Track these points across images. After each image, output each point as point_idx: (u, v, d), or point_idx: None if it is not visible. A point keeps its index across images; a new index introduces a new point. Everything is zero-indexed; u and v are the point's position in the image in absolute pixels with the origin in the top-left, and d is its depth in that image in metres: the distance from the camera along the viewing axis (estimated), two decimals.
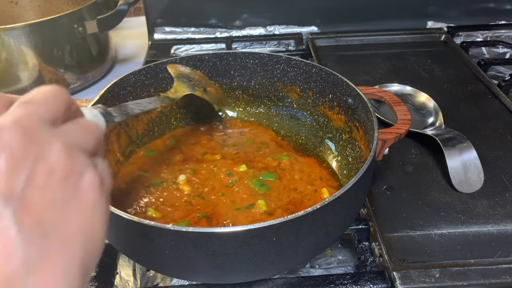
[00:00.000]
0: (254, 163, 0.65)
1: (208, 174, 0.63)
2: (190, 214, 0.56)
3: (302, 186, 0.60)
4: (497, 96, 0.82)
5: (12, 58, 0.84)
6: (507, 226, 0.57)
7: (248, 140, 0.70)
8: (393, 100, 0.60)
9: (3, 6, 1.05)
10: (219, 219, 0.56)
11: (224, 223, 0.55)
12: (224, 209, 0.57)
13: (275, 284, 0.50)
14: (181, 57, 0.70)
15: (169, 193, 0.60)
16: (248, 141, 0.70)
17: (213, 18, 1.09)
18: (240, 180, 0.61)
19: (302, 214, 0.41)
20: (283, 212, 0.56)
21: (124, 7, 0.91)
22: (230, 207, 0.57)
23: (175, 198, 0.59)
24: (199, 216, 0.56)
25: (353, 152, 0.64)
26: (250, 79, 0.74)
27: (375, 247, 0.55)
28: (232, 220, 0.55)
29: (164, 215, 0.56)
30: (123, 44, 1.15)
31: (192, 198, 0.59)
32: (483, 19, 1.08)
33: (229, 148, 0.68)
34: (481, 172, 0.63)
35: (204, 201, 0.58)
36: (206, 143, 0.70)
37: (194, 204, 0.58)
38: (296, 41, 1.06)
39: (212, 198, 0.59)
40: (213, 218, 0.56)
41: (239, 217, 0.55)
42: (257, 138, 0.71)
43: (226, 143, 0.70)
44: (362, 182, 0.47)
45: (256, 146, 0.69)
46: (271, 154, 0.67)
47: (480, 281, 0.50)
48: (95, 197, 0.27)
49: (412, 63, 0.95)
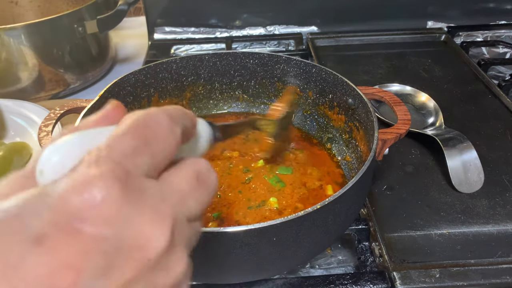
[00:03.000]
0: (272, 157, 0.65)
1: (222, 172, 0.63)
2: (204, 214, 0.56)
3: (310, 181, 0.61)
4: (497, 96, 0.82)
5: (12, 58, 0.84)
6: (507, 226, 0.57)
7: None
8: (393, 100, 0.60)
9: (3, 6, 1.05)
10: (231, 219, 0.56)
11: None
12: (239, 207, 0.57)
13: (275, 284, 0.50)
14: (181, 57, 0.70)
15: None
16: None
17: (213, 18, 1.09)
18: (256, 176, 0.61)
19: (302, 214, 0.41)
20: (292, 212, 0.56)
21: (124, 7, 0.91)
22: (243, 205, 0.57)
23: None
24: (213, 216, 0.56)
25: (353, 152, 0.64)
26: (250, 79, 0.74)
27: (375, 247, 0.55)
28: (240, 219, 0.55)
29: None
30: (123, 44, 1.15)
31: None
32: (483, 19, 1.08)
33: (251, 144, 0.69)
34: (481, 172, 0.63)
35: (220, 199, 0.59)
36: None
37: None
38: (296, 41, 1.06)
39: (229, 195, 0.59)
40: (226, 219, 0.56)
41: (247, 217, 0.56)
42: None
43: (248, 138, 0.70)
44: (362, 182, 0.47)
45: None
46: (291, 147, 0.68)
47: (480, 281, 0.50)
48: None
49: (412, 63, 0.95)
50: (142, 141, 0.20)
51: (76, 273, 0.18)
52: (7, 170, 0.65)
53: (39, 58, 0.86)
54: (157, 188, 0.20)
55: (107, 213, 0.18)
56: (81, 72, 0.93)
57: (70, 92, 0.94)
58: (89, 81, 0.96)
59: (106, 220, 0.18)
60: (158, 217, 0.20)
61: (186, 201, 0.22)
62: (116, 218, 0.18)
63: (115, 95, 0.63)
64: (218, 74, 0.73)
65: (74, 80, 0.93)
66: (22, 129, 0.77)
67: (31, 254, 0.17)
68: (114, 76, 0.91)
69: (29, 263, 0.17)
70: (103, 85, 0.64)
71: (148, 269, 0.19)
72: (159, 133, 0.21)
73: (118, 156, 0.19)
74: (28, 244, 0.17)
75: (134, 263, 0.19)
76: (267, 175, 0.61)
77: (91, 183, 0.18)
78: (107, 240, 0.18)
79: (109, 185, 0.18)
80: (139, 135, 0.20)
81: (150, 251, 0.19)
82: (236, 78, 0.74)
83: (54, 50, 0.87)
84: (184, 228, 0.22)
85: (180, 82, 0.72)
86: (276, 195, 0.58)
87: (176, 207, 0.21)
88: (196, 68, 0.71)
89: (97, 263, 0.18)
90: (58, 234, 0.18)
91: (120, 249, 0.19)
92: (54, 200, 0.18)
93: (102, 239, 0.18)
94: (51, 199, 0.18)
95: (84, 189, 0.18)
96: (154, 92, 0.69)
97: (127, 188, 0.19)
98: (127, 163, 0.19)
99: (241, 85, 0.75)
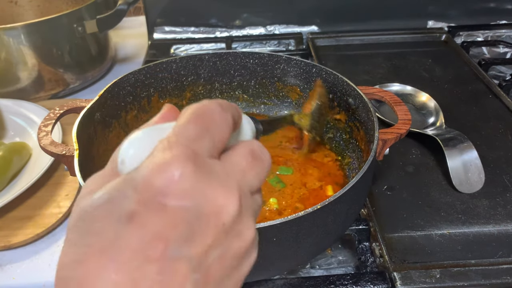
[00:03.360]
0: (274, 157, 0.65)
1: None
2: None
3: (311, 182, 0.61)
4: (498, 96, 0.82)
5: (11, 58, 0.84)
6: (508, 226, 0.57)
7: (271, 135, 0.70)
8: (393, 100, 0.59)
9: (3, 6, 1.05)
10: None
11: None
12: None
13: (275, 284, 0.50)
14: (181, 57, 0.69)
15: None
16: (271, 135, 0.70)
17: (213, 17, 1.09)
18: None
19: (302, 214, 0.41)
20: (292, 212, 0.56)
21: (123, 7, 0.91)
22: None
23: None
24: None
25: (354, 152, 0.64)
26: (250, 79, 0.74)
27: (376, 248, 0.55)
28: None
29: None
30: (123, 44, 1.15)
31: None
32: (483, 19, 1.08)
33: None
34: (482, 172, 0.62)
35: None
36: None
37: None
38: (296, 41, 1.06)
39: None
40: None
41: None
42: (280, 132, 0.71)
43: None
44: (362, 182, 0.47)
45: (278, 140, 0.69)
46: (291, 147, 0.67)
47: (480, 281, 0.50)
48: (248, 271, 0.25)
49: (413, 63, 0.95)
50: (203, 127, 0.23)
51: (165, 243, 0.20)
52: (6, 170, 0.65)
53: (38, 58, 0.86)
54: (221, 166, 0.23)
55: (185, 187, 0.21)
56: (80, 72, 0.93)
57: (69, 92, 0.94)
58: (88, 81, 0.96)
59: (186, 193, 0.21)
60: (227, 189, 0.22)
61: (247, 175, 0.25)
62: (193, 190, 0.21)
63: (115, 95, 0.63)
64: (218, 74, 0.73)
65: (73, 80, 0.93)
66: (22, 129, 0.77)
67: (125, 231, 0.20)
68: (113, 76, 0.91)
69: (124, 239, 0.20)
70: (102, 85, 0.64)
71: (224, 234, 0.22)
72: (215, 119, 0.24)
73: (185, 141, 0.22)
74: (122, 223, 0.20)
75: (212, 228, 0.22)
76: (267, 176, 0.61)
77: (168, 163, 0.21)
78: (188, 210, 0.21)
79: (183, 163, 0.21)
80: (199, 122, 0.23)
81: (224, 216, 0.22)
82: (236, 78, 0.74)
83: (53, 50, 0.87)
84: (248, 199, 0.25)
85: (180, 82, 0.71)
86: (276, 196, 0.58)
87: (240, 181, 0.24)
88: (196, 68, 0.71)
89: (182, 231, 0.21)
90: (146, 210, 0.20)
91: (200, 218, 0.21)
92: (139, 182, 0.21)
93: (184, 209, 0.21)
94: (136, 181, 0.21)
95: (164, 169, 0.21)
96: (154, 92, 0.69)
97: (198, 165, 0.22)
98: (194, 146, 0.22)
99: (241, 85, 0.74)
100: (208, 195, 0.22)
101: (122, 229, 0.20)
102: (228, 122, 0.25)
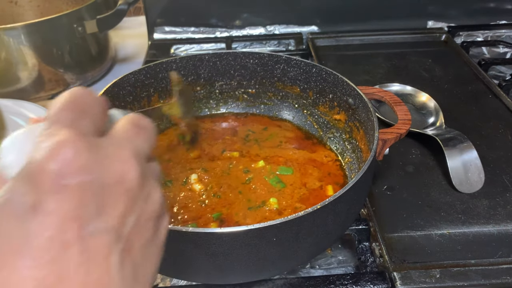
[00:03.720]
0: (274, 158, 0.65)
1: (222, 172, 0.63)
2: (204, 214, 0.56)
3: (311, 182, 0.61)
4: (498, 96, 0.82)
5: (11, 58, 0.84)
6: (507, 226, 0.57)
7: (271, 135, 0.70)
8: (393, 100, 0.59)
9: (3, 6, 1.05)
10: (231, 220, 0.55)
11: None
12: (239, 207, 0.57)
13: (275, 284, 0.50)
14: (181, 57, 0.69)
15: (183, 193, 0.59)
16: (271, 136, 0.70)
17: (213, 17, 1.09)
18: (256, 176, 0.61)
19: (302, 214, 0.41)
20: (292, 212, 0.56)
21: (123, 7, 0.91)
22: (244, 206, 0.57)
23: (188, 198, 0.59)
24: (214, 217, 0.56)
25: (353, 152, 0.64)
26: (250, 79, 0.74)
27: (376, 248, 0.55)
28: (241, 220, 0.55)
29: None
30: (123, 44, 1.15)
31: (207, 198, 0.59)
32: (483, 19, 1.08)
33: (252, 144, 0.68)
34: (482, 172, 0.62)
35: (220, 200, 0.58)
36: (229, 139, 0.70)
37: (208, 204, 0.58)
38: (296, 41, 1.06)
39: (229, 196, 0.59)
40: (226, 220, 0.56)
41: (247, 218, 0.55)
42: (280, 132, 0.71)
43: (248, 139, 0.70)
44: (362, 182, 0.47)
45: (278, 140, 0.69)
46: (291, 147, 0.67)
47: (480, 281, 0.50)
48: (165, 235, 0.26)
49: (413, 63, 0.95)
50: (79, 110, 0.23)
51: (78, 221, 0.20)
52: None
53: (38, 58, 0.86)
54: (110, 139, 0.24)
55: (82, 163, 0.21)
56: (80, 72, 0.93)
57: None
58: (88, 81, 0.96)
59: (84, 168, 0.21)
60: (123, 157, 0.23)
61: (136, 142, 0.25)
62: (91, 164, 0.21)
63: (114, 95, 0.63)
64: (218, 74, 0.73)
65: (73, 80, 0.93)
66: None
67: (32, 224, 0.20)
68: (113, 76, 0.90)
69: (33, 232, 0.19)
70: (102, 85, 0.64)
71: (133, 200, 0.23)
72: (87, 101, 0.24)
73: (67, 123, 0.22)
74: (26, 218, 0.20)
75: (121, 196, 0.22)
76: (267, 176, 0.61)
77: (59, 146, 0.21)
78: (91, 183, 0.21)
79: (73, 142, 0.21)
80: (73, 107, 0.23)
81: (128, 182, 0.23)
82: (236, 78, 0.74)
83: (53, 50, 0.87)
84: (146, 165, 0.25)
85: None
86: (276, 196, 0.58)
87: (131, 149, 0.24)
88: (196, 68, 0.71)
89: (91, 206, 0.21)
90: (48, 196, 0.20)
91: (104, 188, 0.21)
92: (33, 174, 0.20)
93: (87, 184, 0.21)
94: (30, 175, 0.20)
95: (56, 153, 0.20)
96: (154, 92, 0.69)
97: (87, 142, 0.22)
98: (77, 126, 0.22)
99: (241, 85, 0.74)
100: (106, 166, 0.22)
101: (28, 224, 0.20)
102: (100, 102, 0.25)
